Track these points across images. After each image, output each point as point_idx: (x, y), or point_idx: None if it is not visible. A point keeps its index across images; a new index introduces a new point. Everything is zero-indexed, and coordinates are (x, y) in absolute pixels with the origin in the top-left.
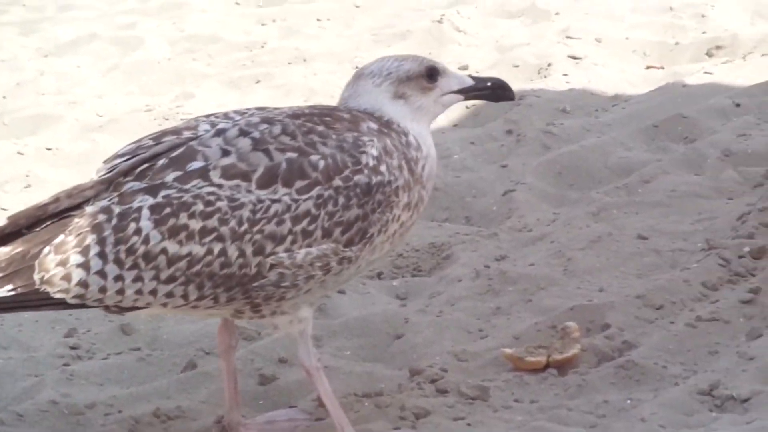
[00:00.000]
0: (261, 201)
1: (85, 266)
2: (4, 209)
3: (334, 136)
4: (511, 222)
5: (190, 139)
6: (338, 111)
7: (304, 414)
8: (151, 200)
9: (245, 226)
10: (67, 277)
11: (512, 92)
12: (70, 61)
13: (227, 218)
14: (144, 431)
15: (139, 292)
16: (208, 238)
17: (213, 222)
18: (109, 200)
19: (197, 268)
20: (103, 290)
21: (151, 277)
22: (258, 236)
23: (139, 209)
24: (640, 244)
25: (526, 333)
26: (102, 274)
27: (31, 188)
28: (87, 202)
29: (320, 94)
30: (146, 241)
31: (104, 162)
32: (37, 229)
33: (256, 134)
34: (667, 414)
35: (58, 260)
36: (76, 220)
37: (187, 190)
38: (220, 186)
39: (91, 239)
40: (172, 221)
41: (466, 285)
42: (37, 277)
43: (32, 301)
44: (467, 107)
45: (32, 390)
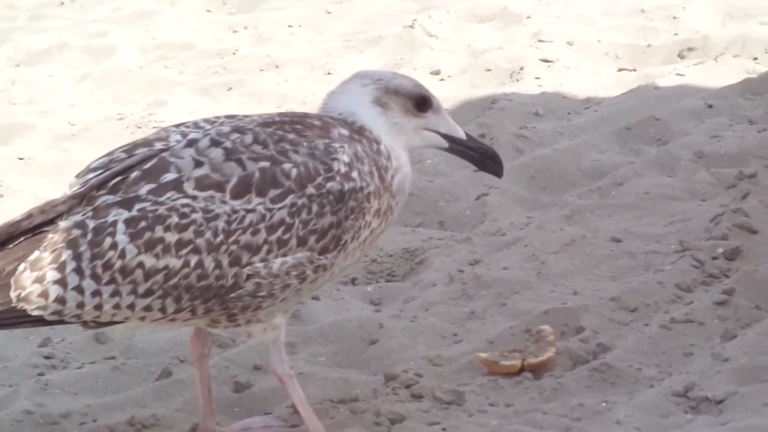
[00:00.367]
0: (236, 211)
1: (62, 282)
2: None
3: (305, 144)
4: (485, 226)
5: (162, 151)
6: (309, 118)
7: (280, 421)
8: (126, 214)
9: (221, 237)
10: (44, 294)
11: (501, 168)
12: (42, 70)
13: (202, 230)
14: None
15: (116, 306)
16: (185, 251)
17: (189, 234)
18: (83, 215)
19: (174, 280)
20: (80, 306)
21: (128, 291)
22: (234, 247)
23: (114, 223)
24: (613, 246)
25: (500, 337)
26: (79, 289)
27: (4, 198)
28: (60, 216)
29: (292, 100)
30: (122, 255)
31: (76, 176)
32: (11, 246)
33: (228, 144)
34: (642, 416)
35: (34, 277)
36: (51, 236)
37: (161, 203)
38: (194, 197)
39: (66, 255)
40: (147, 234)
41: (440, 290)
42: (13, 294)
43: (9, 319)
44: None
45: (6, 400)
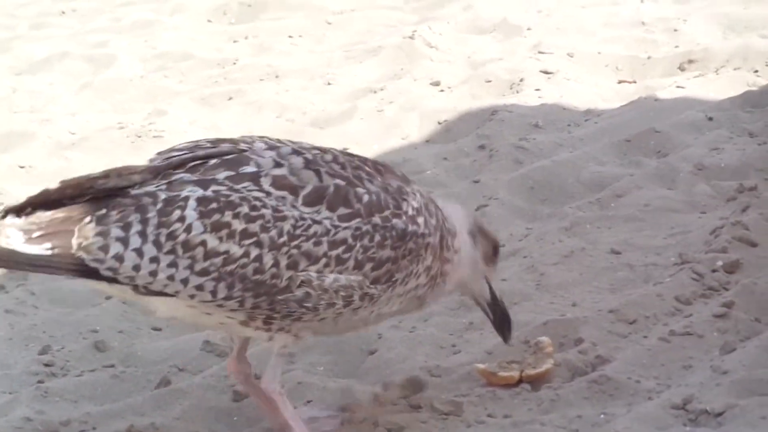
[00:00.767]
0: (303, 218)
1: (123, 241)
2: None
3: (379, 179)
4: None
5: (245, 150)
6: (392, 167)
7: (329, 411)
8: (200, 192)
9: (285, 238)
10: (104, 248)
11: (510, 334)
12: (43, 79)
13: (269, 227)
14: None
15: (171, 278)
16: (248, 241)
17: (255, 227)
18: (157, 187)
19: (232, 267)
20: (136, 268)
21: (185, 265)
22: (294, 251)
23: (186, 198)
24: (613, 258)
25: (498, 348)
26: (139, 252)
27: (4, 206)
28: (133, 186)
29: (292, 110)
30: (188, 230)
31: (158, 153)
32: (81, 201)
33: (309, 156)
34: (640, 428)
35: (98, 230)
36: (120, 199)
37: (236, 190)
38: (268, 194)
39: (134, 217)
40: (216, 216)
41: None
42: (75, 242)
43: (66, 264)
44: (439, 123)
45: (6, 407)
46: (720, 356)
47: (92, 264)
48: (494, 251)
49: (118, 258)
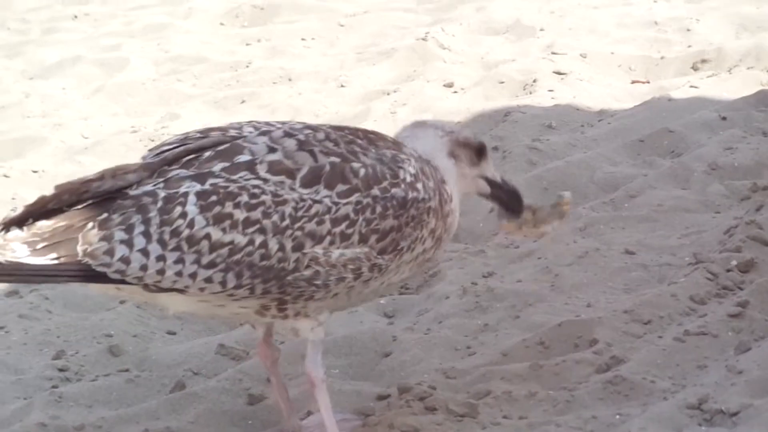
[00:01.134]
0: (303, 200)
1: (128, 243)
2: None
3: (373, 150)
4: (498, 238)
5: (236, 138)
6: (381, 134)
7: (352, 416)
8: (198, 187)
9: (287, 221)
10: (110, 252)
11: (522, 210)
12: (55, 83)
13: (270, 212)
14: None
15: (179, 273)
16: (251, 229)
17: (257, 214)
18: (155, 185)
19: (238, 256)
20: (144, 268)
21: (192, 260)
22: (298, 233)
23: (186, 194)
24: (627, 259)
25: (514, 349)
26: (145, 252)
27: (18, 211)
28: (130, 186)
29: (305, 113)
30: (191, 225)
31: (149, 150)
32: (80, 207)
33: (301, 136)
34: (656, 429)
35: (101, 235)
36: (120, 201)
37: (234, 181)
38: (265, 180)
39: (136, 218)
40: (217, 209)
41: (454, 302)
42: (80, 249)
43: (73, 271)
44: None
45: (21, 412)
46: (735, 356)
47: (100, 269)
48: (479, 154)
49: (125, 260)
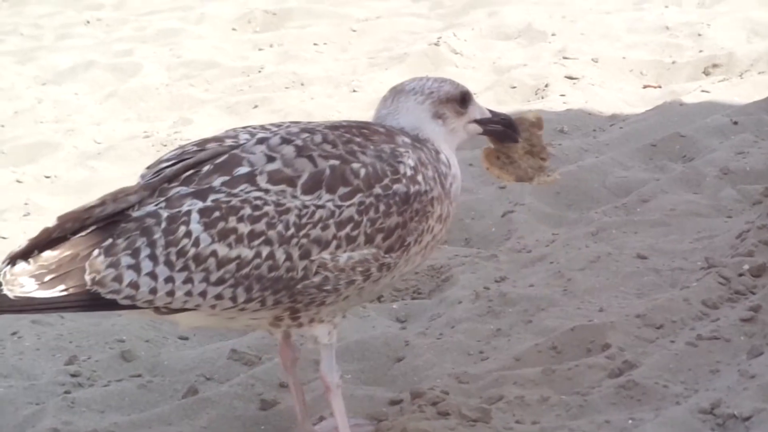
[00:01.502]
0: (306, 206)
1: (135, 268)
2: (4, 237)
3: (372, 147)
4: (511, 243)
5: (233, 147)
6: (373, 126)
7: (365, 421)
8: (200, 204)
9: (292, 230)
10: (118, 278)
11: (519, 133)
12: (68, 88)
13: (274, 222)
14: None
15: (188, 293)
16: (257, 242)
17: (261, 226)
18: (156, 205)
19: (246, 270)
20: (153, 291)
21: (201, 279)
22: (304, 240)
23: (189, 213)
24: (639, 263)
25: (526, 354)
26: (153, 275)
27: (30, 216)
28: (131, 207)
29: (317, 117)
30: (196, 243)
31: (148, 168)
32: (84, 234)
33: (299, 142)
34: None
35: (108, 262)
36: (123, 225)
37: (235, 194)
38: (266, 191)
39: (141, 242)
40: (221, 225)
41: (466, 307)
42: (88, 278)
43: (83, 301)
44: None
45: (33, 418)
46: (747, 360)
47: (109, 296)
48: (463, 102)
49: (134, 285)
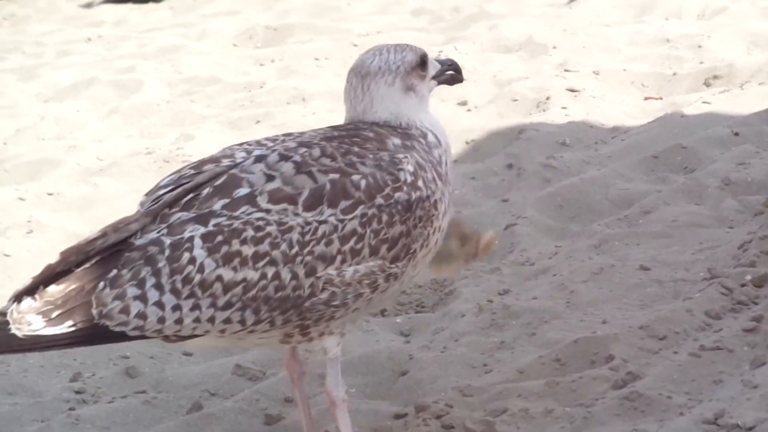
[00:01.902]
0: (308, 223)
1: (142, 298)
2: (7, 255)
3: (370, 156)
4: (514, 256)
5: (230, 167)
6: (362, 131)
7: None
8: (202, 229)
9: (296, 248)
10: (125, 310)
11: (461, 74)
12: (70, 105)
13: (278, 242)
14: None
15: (197, 320)
16: (261, 263)
17: (265, 246)
18: (158, 232)
19: (253, 292)
20: (161, 321)
21: (208, 304)
22: (309, 258)
23: (191, 239)
24: (642, 275)
25: (530, 367)
26: (160, 305)
27: (33, 233)
28: (133, 236)
29: None
30: (201, 269)
31: (146, 194)
32: (88, 265)
33: (297, 158)
34: None
35: (114, 294)
36: (127, 254)
37: (236, 217)
38: (268, 211)
39: (145, 271)
40: (224, 248)
41: (470, 320)
42: (95, 311)
43: (91, 335)
44: (466, 143)
45: None
46: (750, 370)
47: (117, 329)
48: (423, 65)
49: (141, 316)
